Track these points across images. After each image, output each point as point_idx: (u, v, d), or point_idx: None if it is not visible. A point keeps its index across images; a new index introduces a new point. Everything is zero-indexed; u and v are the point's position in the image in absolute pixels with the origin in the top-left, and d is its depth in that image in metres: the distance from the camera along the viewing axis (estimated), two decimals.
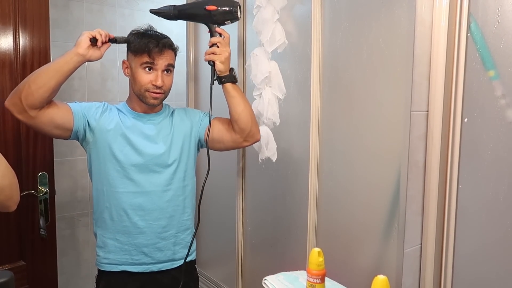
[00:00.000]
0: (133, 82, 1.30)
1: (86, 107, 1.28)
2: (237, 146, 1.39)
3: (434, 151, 1.12)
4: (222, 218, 1.83)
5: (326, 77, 1.30)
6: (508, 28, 0.97)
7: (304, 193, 1.37)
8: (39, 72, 1.14)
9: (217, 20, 1.24)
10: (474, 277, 1.09)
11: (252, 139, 1.35)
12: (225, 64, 1.25)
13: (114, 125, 1.28)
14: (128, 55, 1.30)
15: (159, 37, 1.28)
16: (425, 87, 1.12)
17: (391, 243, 1.14)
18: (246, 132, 1.31)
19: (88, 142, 1.28)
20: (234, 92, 1.28)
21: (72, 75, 1.19)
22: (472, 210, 1.08)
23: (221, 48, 1.24)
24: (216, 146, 1.38)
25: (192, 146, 1.38)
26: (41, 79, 1.13)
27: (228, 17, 1.24)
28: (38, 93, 1.12)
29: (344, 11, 1.23)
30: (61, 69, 1.14)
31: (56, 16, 2.04)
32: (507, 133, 0.99)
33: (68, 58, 1.14)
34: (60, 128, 1.22)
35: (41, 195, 1.56)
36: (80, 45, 1.15)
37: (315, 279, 1.03)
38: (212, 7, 1.21)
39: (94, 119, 1.27)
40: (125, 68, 1.31)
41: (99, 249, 1.34)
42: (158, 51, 1.24)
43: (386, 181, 1.15)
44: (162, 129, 1.34)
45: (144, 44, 1.24)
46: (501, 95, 0.99)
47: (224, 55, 1.24)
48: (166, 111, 1.39)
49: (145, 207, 1.29)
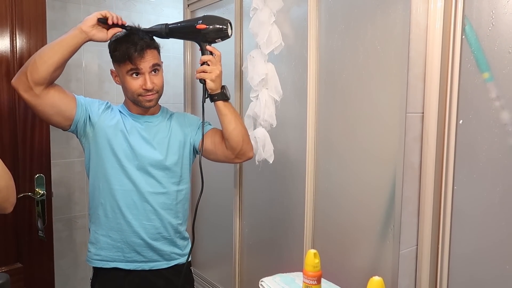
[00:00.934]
0: (124, 90, 1.30)
1: (90, 101, 1.30)
2: (229, 162, 1.39)
3: (430, 152, 1.13)
4: (219, 219, 1.83)
5: (322, 79, 1.31)
6: (502, 30, 0.98)
7: (300, 195, 1.37)
8: (45, 48, 1.16)
9: (208, 39, 1.23)
10: (469, 278, 1.09)
11: (244, 157, 1.35)
12: (216, 82, 1.24)
13: (115, 123, 1.29)
14: (114, 65, 1.30)
15: (137, 40, 1.24)
16: (420, 89, 1.12)
17: (387, 244, 1.14)
18: (237, 150, 1.31)
19: (87, 137, 1.29)
20: (225, 110, 1.28)
21: (69, 76, 1.19)
22: (467, 211, 1.08)
23: (212, 66, 1.23)
24: (209, 157, 1.39)
25: (187, 152, 1.38)
26: (46, 54, 1.14)
27: (219, 35, 1.23)
28: (43, 68, 1.13)
29: (340, 13, 1.24)
30: (65, 44, 1.15)
31: (54, 17, 2.04)
32: (502, 134, 0.99)
33: (73, 34, 1.15)
34: (61, 115, 1.22)
35: (38, 197, 1.56)
36: (85, 22, 1.16)
37: (311, 280, 1.04)
38: (203, 25, 1.21)
39: (96, 114, 1.28)
40: (115, 77, 1.32)
41: (91, 245, 1.34)
42: (139, 55, 1.23)
43: (382, 182, 1.15)
44: (159, 131, 1.34)
45: (123, 52, 1.23)
46: (495, 97, 1.00)
47: (214, 73, 1.23)
48: (164, 113, 1.39)
49: (139, 207, 1.30)
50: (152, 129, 1.33)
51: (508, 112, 0.98)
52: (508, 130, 0.98)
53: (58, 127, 1.28)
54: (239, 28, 1.63)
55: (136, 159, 1.29)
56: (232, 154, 1.33)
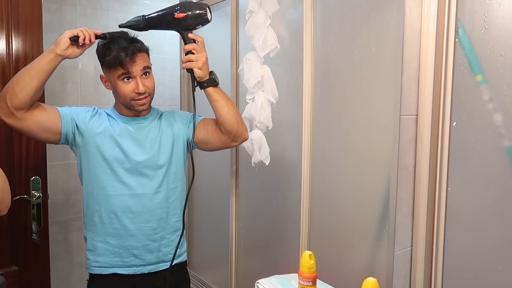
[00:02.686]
0: (116, 95, 1.30)
1: (75, 111, 1.29)
2: (226, 146, 1.39)
3: (424, 154, 1.14)
4: (215, 221, 1.83)
5: (318, 81, 1.31)
6: (494, 33, 0.99)
7: (296, 196, 1.38)
8: (21, 74, 1.15)
9: (188, 26, 1.21)
10: (464, 278, 1.10)
11: (240, 138, 1.35)
12: (203, 70, 1.24)
13: (104, 129, 1.29)
14: (104, 70, 1.29)
15: (127, 44, 1.24)
16: (414, 91, 1.13)
17: (382, 245, 1.15)
18: (233, 133, 1.32)
19: (78, 146, 1.29)
20: (216, 96, 1.28)
21: (65, 79, 1.19)
22: (461, 212, 1.09)
23: (197, 54, 1.22)
24: (205, 147, 1.39)
25: (181, 149, 1.39)
26: (24, 80, 1.13)
27: (199, 21, 1.21)
28: (22, 94, 1.13)
29: (335, 16, 1.25)
30: (42, 69, 1.14)
31: (50, 20, 2.04)
32: (495, 136, 1.00)
33: (48, 59, 1.14)
34: (48, 131, 1.22)
35: (33, 200, 1.56)
36: (59, 46, 1.14)
37: (306, 281, 1.04)
38: (181, 14, 1.18)
39: (83, 122, 1.27)
40: (105, 82, 1.31)
41: (89, 253, 1.34)
42: (130, 59, 1.23)
43: (377, 184, 1.16)
44: (150, 132, 1.34)
45: (114, 57, 1.22)
46: (488, 99, 1.01)
47: (201, 61, 1.22)
48: (154, 114, 1.39)
49: (135, 210, 1.30)
50: (143, 130, 1.33)
51: (500, 114, 0.99)
52: (501, 132, 0.99)
53: (49, 142, 1.30)
54: (235, 30, 1.64)
55: (128, 162, 1.29)
56: (228, 138, 1.33)
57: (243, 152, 1.53)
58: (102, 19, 2.25)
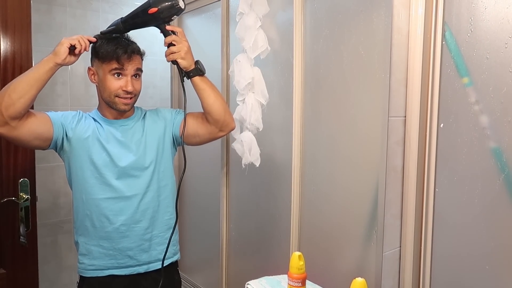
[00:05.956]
0: (102, 89, 1.29)
1: (63, 116, 1.28)
2: (214, 137, 1.39)
3: (412, 155, 1.15)
4: (206, 222, 1.83)
5: (307, 83, 1.32)
6: (480, 36, 1.01)
7: (286, 198, 1.39)
8: (19, 82, 1.13)
9: (164, 19, 1.23)
10: (451, 278, 1.11)
11: (227, 128, 1.36)
12: (187, 59, 1.25)
13: (91, 132, 1.28)
14: (94, 62, 1.29)
15: (127, 42, 1.27)
16: (403, 93, 1.15)
17: (371, 246, 1.16)
18: (221, 122, 1.32)
19: (65, 151, 1.28)
20: (203, 85, 1.29)
21: (55, 80, 1.18)
22: (448, 212, 1.11)
23: (178, 45, 1.23)
24: (193, 140, 1.39)
25: (167, 146, 1.38)
26: (22, 88, 1.12)
27: (173, 12, 1.22)
28: (20, 103, 1.11)
29: (325, 19, 1.26)
30: (41, 78, 1.14)
31: (39, 20, 2.03)
32: (481, 138, 1.02)
33: (47, 68, 1.14)
34: (40, 138, 1.21)
35: (22, 202, 1.54)
36: (59, 56, 1.15)
37: (296, 282, 1.05)
38: (154, 9, 1.20)
39: (71, 128, 1.27)
40: (92, 75, 1.30)
41: (83, 257, 1.32)
42: (127, 57, 1.25)
43: (366, 185, 1.17)
44: (135, 133, 1.34)
45: (112, 51, 1.23)
46: (474, 101, 1.03)
47: (183, 51, 1.23)
48: (138, 114, 1.39)
49: (126, 211, 1.29)
50: (128, 132, 1.33)
51: (486, 116, 1.01)
52: (487, 133, 1.01)
53: (37, 149, 1.29)
54: (225, 32, 1.64)
55: (115, 165, 1.28)
56: (216, 128, 1.34)
57: (234, 153, 1.54)
58: (92, 20, 2.23)
